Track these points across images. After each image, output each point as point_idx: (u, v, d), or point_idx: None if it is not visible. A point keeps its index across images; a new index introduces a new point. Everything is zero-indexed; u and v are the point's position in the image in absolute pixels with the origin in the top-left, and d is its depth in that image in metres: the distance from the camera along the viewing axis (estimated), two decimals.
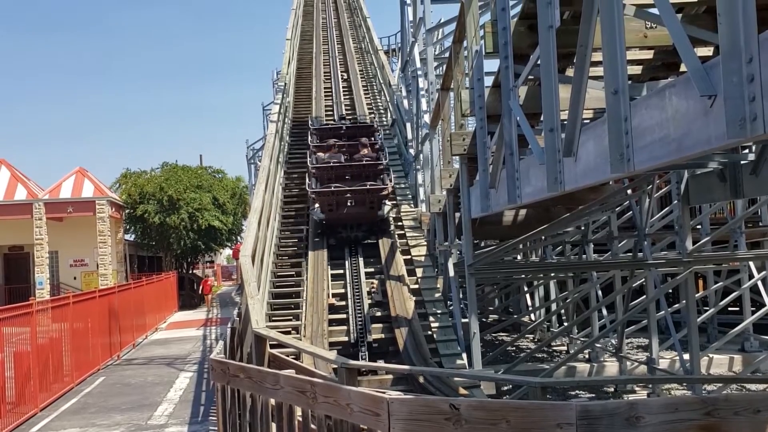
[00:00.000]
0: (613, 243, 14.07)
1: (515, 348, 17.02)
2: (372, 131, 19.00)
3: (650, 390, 12.54)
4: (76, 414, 12.14)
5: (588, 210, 11.93)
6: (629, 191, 12.40)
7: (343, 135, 18.56)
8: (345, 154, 17.48)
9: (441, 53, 24.50)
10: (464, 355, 11.58)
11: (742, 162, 9.05)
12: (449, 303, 13.67)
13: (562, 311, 17.53)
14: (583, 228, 14.44)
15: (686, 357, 11.66)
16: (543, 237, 13.63)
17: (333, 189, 16.05)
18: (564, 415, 3.60)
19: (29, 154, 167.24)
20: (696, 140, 3.74)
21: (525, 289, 19.34)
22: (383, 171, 16.82)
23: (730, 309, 16.91)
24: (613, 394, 12.74)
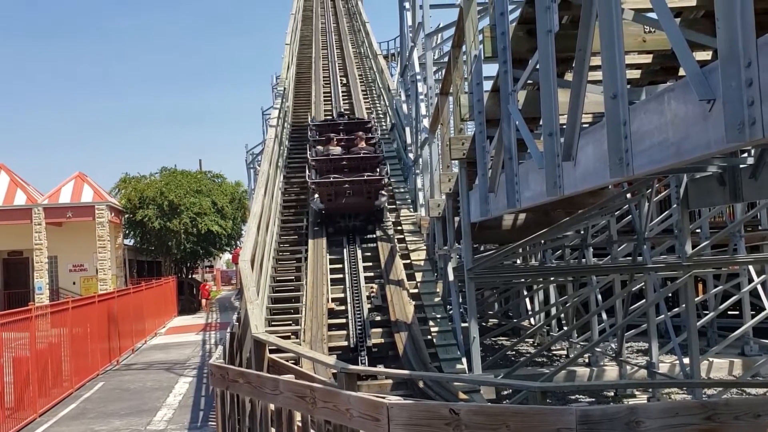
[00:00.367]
0: (613, 247, 14.06)
1: (515, 352, 17.00)
2: (369, 126, 19.61)
3: (650, 394, 12.51)
4: (75, 419, 12.12)
5: (587, 214, 11.94)
6: (628, 195, 12.40)
7: (342, 130, 19.14)
8: (343, 148, 18.12)
9: (440, 58, 24.55)
10: (464, 360, 11.56)
11: (742, 166, 9.05)
12: (449, 307, 13.65)
13: (562, 315, 17.50)
14: (583, 232, 14.44)
15: (686, 361, 11.65)
16: (542, 241, 13.63)
17: (332, 180, 16.66)
18: (564, 420, 3.60)
19: (28, 159, 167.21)
20: (695, 144, 3.74)
21: (524, 294, 19.31)
22: (379, 163, 17.48)
23: (730, 313, 16.88)
24: (613, 399, 12.72)
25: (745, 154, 9.11)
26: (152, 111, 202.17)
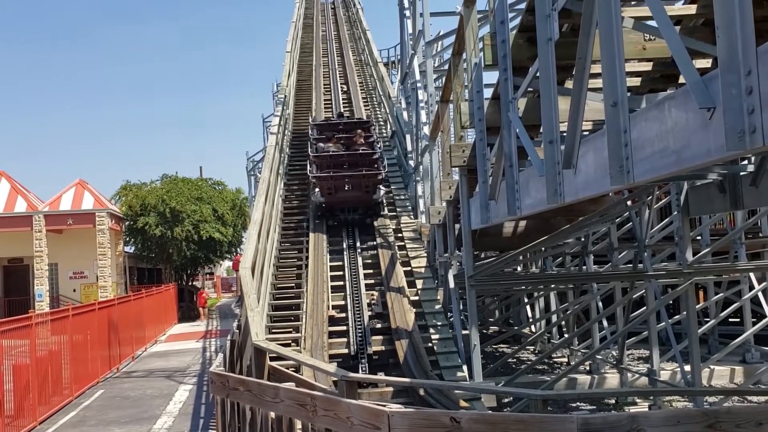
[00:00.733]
0: (614, 254, 14.05)
1: (516, 360, 16.96)
2: (367, 125, 20.28)
3: (651, 402, 12.48)
4: (75, 427, 12.09)
5: (588, 221, 11.93)
6: (629, 202, 12.40)
7: (341, 129, 19.81)
8: (342, 146, 18.89)
9: (440, 65, 24.58)
10: (465, 367, 11.54)
11: (742, 173, 9.06)
12: (449, 315, 13.64)
13: (563, 323, 17.47)
14: (583, 239, 14.43)
15: (687, 368, 11.62)
16: (543, 248, 13.62)
17: (332, 174, 17.47)
18: (565, 428, 3.59)
19: (29, 167, 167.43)
20: (695, 152, 3.74)
21: (525, 301, 19.30)
22: (377, 160, 18.17)
23: (731, 320, 16.86)
24: (614, 406, 12.68)
25: (746, 162, 9.12)
26: (153, 118, 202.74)
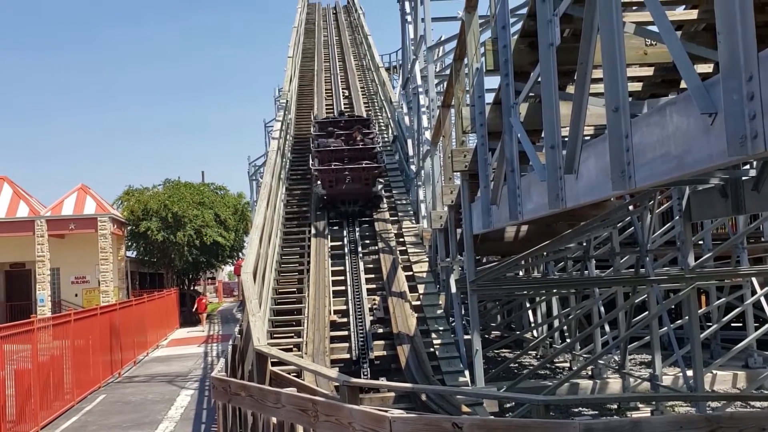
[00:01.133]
0: (615, 259, 14.04)
1: (518, 365, 16.94)
2: (367, 122, 21.15)
3: (654, 407, 12.45)
4: None
5: (590, 226, 11.92)
6: (631, 207, 12.40)
7: (342, 126, 20.58)
8: (343, 141, 19.67)
9: (442, 70, 24.64)
10: (467, 372, 11.52)
11: (744, 178, 9.05)
12: (451, 319, 13.62)
13: (565, 327, 17.45)
14: (585, 244, 14.42)
15: (689, 373, 11.59)
16: (545, 253, 13.60)
17: (333, 167, 18.26)
18: None
19: (31, 172, 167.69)
20: (697, 158, 3.74)
21: (527, 306, 19.28)
22: (376, 154, 19.00)
23: (733, 325, 16.84)
24: (617, 412, 12.66)
25: (747, 166, 9.11)
26: (154, 122, 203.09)
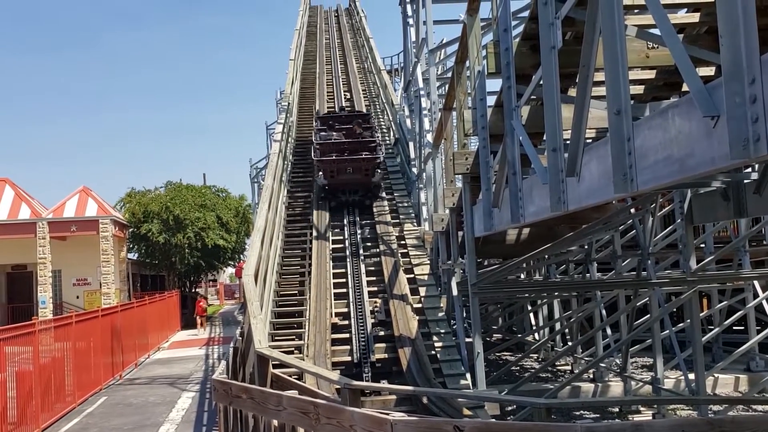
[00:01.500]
0: (617, 262, 14.02)
1: (519, 368, 16.92)
2: (366, 117, 22.07)
3: (655, 410, 12.43)
4: None
5: (591, 229, 11.90)
6: (632, 210, 12.38)
7: (343, 120, 21.48)
8: (344, 134, 20.50)
9: (443, 73, 24.59)
10: (468, 375, 11.51)
11: (746, 181, 9.04)
12: (453, 322, 13.61)
13: (566, 330, 17.43)
14: (587, 247, 14.41)
15: (691, 377, 11.56)
16: (546, 256, 13.59)
17: (334, 158, 19.11)
18: None
19: (33, 174, 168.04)
20: (699, 160, 3.74)
21: (528, 309, 19.26)
22: (376, 147, 19.74)
23: (735, 328, 16.80)
24: (618, 415, 12.64)
25: (749, 169, 9.09)
26: (156, 124, 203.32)
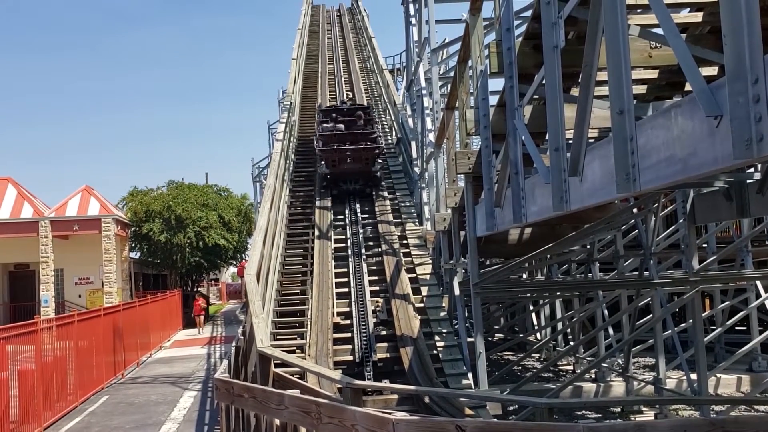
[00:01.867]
0: (619, 262, 14.01)
1: (521, 367, 16.91)
2: (367, 109, 22.78)
3: (657, 410, 12.42)
4: None
5: (594, 229, 11.89)
6: (635, 210, 12.36)
7: (345, 113, 22.17)
8: (345, 126, 21.14)
9: (446, 73, 24.61)
10: (470, 375, 11.51)
11: (749, 181, 9.02)
12: (454, 322, 13.61)
13: (568, 330, 17.42)
14: (589, 247, 14.39)
15: (693, 377, 11.55)
16: (548, 256, 13.58)
17: (335, 148, 19.96)
18: None
19: (36, 173, 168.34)
20: (702, 160, 3.73)
21: (531, 308, 19.26)
22: (375, 138, 20.61)
23: (738, 328, 16.78)
24: (620, 415, 12.62)
25: (752, 169, 9.07)
26: (159, 124, 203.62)
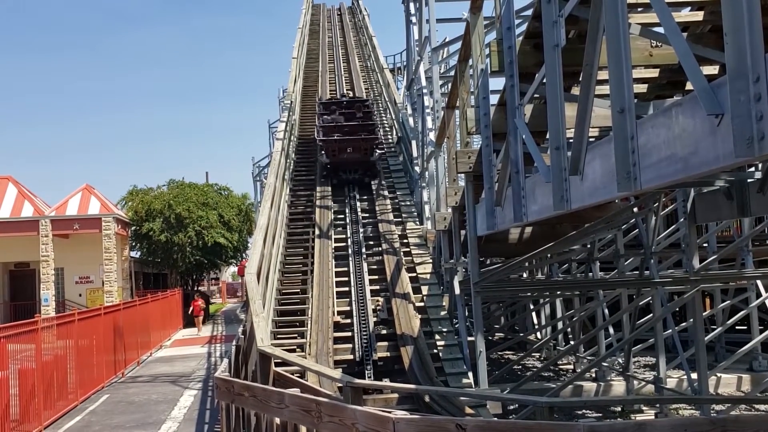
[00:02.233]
0: (620, 261, 14.00)
1: (521, 367, 16.91)
2: (365, 102, 23.55)
3: (658, 410, 12.42)
4: None
5: (594, 228, 11.89)
6: (635, 209, 12.36)
7: (344, 105, 22.86)
8: (345, 118, 21.75)
9: (446, 72, 24.62)
10: (470, 374, 11.51)
11: (749, 180, 9.02)
12: (455, 321, 13.61)
13: (569, 330, 17.42)
14: (590, 246, 14.39)
15: (694, 376, 11.55)
16: (549, 255, 13.58)
17: (335, 138, 20.66)
18: None
19: (36, 172, 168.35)
20: (703, 159, 3.73)
21: (531, 308, 19.26)
22: (374, 129, 21.36)
23: (738, 328, 16.78)
24: (620, 414, 12.62)
25: (753, 168, 9.08)
26: (159, 124, 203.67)
